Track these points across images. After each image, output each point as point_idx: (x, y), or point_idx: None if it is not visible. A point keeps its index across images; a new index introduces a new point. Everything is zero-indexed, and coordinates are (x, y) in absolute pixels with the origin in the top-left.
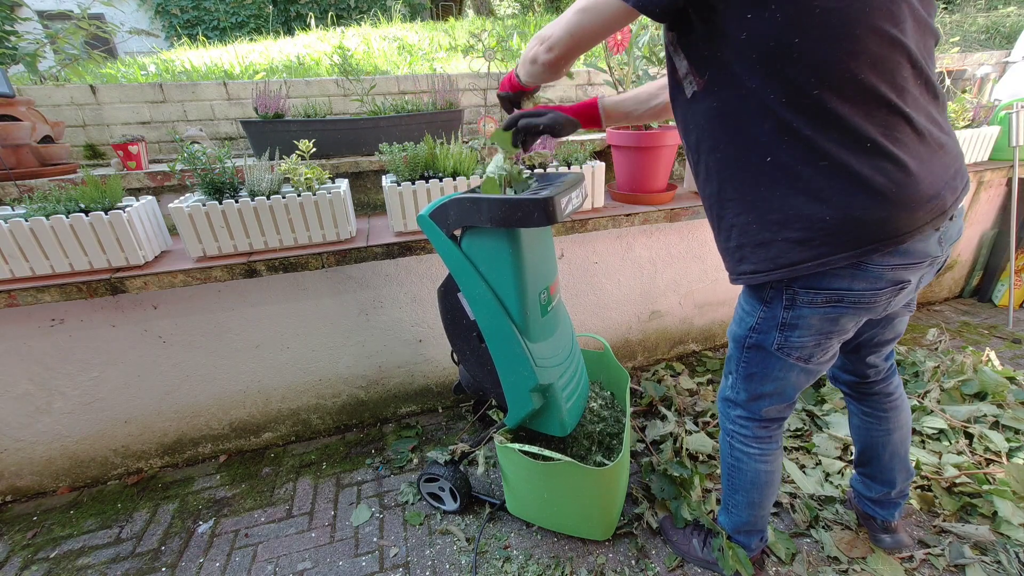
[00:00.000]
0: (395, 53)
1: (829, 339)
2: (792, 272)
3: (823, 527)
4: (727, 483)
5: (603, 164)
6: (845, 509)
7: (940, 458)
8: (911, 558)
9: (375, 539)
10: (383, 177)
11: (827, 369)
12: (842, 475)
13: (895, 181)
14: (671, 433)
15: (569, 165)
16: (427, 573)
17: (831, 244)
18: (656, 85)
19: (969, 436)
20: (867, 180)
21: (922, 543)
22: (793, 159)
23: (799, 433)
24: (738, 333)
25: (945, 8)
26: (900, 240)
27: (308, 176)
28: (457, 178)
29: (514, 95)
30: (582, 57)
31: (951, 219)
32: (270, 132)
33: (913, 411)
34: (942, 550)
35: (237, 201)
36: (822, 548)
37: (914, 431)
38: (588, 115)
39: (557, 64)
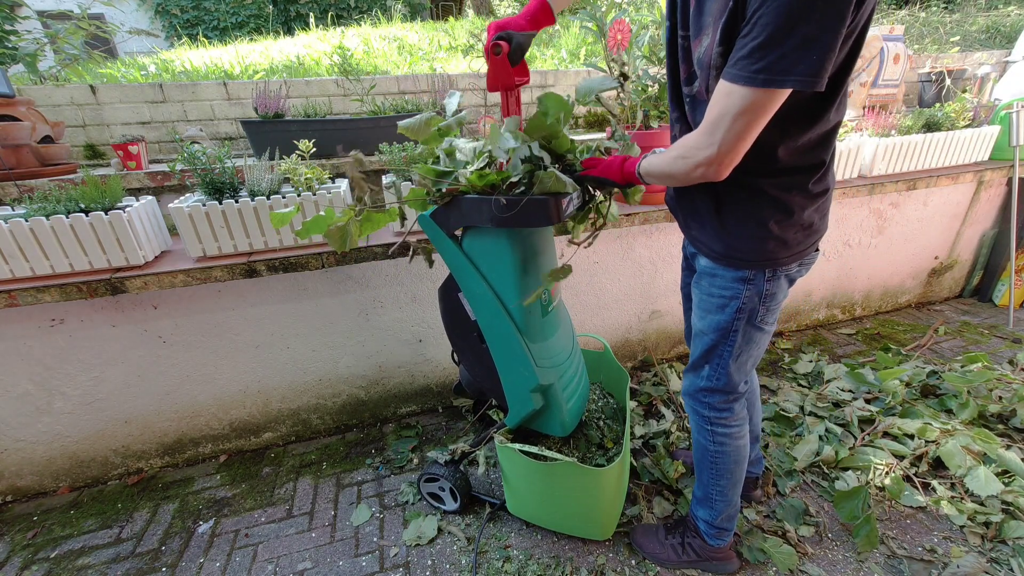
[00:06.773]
0: (395, 53)
1: (781, 302)
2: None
3: None
4: (711, 473)
5: None
6: None
7: None
8: None
9: (375, 539)
10: (383, 177)
11: None
12: None
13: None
14: (666, 431)
15: None
16: (427, 573)
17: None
18: None
19: None
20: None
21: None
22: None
23: None
24: (723, 320)
25: (945, 8)
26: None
27: (308, 176)
28: None
29: (621, 185)
30: (580, 56)
31: None
32: (270, 132)
33: None
34: None
35: (237, 201)
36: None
37: None
38: (540, 16)
39: (726, 173)
